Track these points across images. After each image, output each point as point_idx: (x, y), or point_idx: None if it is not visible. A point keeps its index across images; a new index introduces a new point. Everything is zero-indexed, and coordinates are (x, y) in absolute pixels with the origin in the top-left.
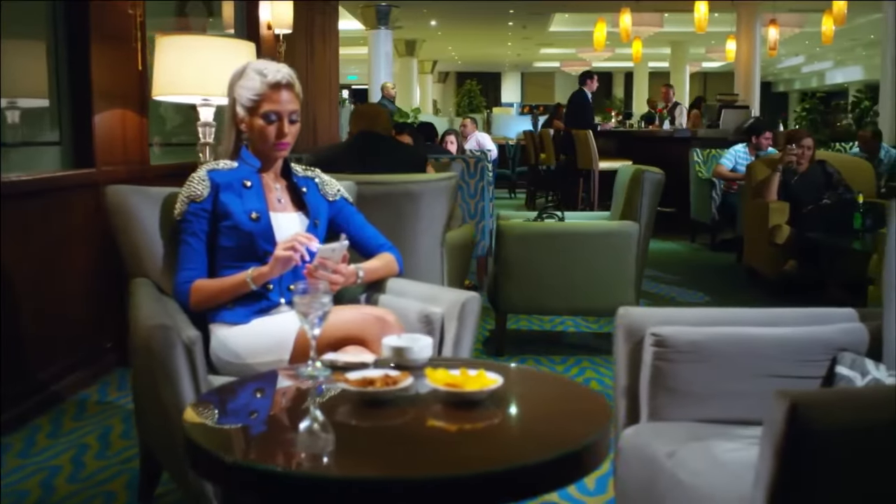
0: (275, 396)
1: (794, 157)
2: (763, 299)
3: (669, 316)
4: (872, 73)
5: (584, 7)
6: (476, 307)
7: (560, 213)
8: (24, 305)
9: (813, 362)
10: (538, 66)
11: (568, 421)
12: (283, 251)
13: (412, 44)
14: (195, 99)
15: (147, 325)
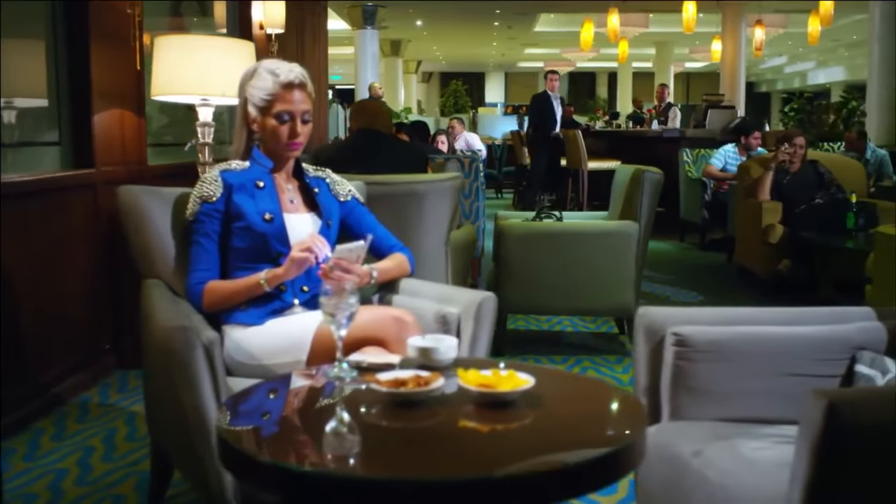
0: (305, 397)
1: (787, 157)
2: (756, 298)
3: (689, 315)
4: (855, 73)
5: (570, 7)
6: (492, 307)
7: (558, 213)
8: (23, 306)
9: (832, 361)
10: (522, 66)
11: (604, 421)
12: (300, 253)
13: (397, 44)
14: (194, 99)
15: (167, 327)
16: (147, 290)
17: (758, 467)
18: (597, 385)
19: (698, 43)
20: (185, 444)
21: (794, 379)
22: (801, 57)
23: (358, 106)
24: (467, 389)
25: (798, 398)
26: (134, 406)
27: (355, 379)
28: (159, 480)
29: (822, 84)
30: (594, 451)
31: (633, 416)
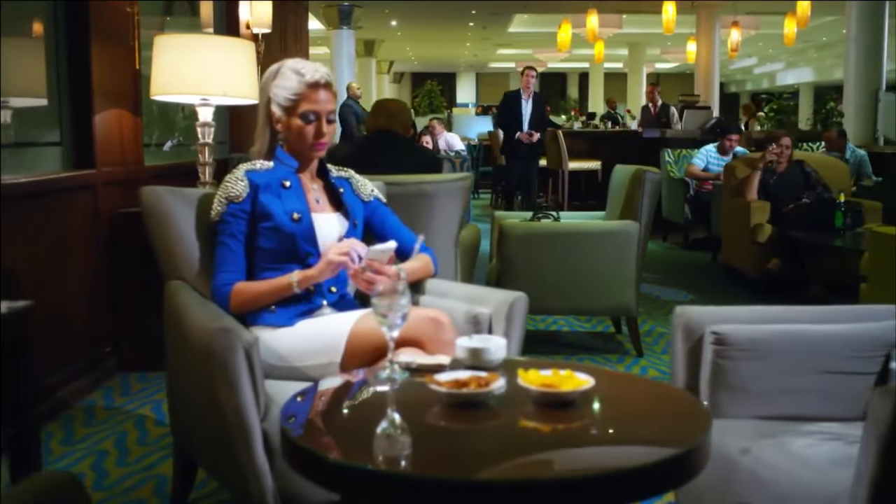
0: (365, 398)
1: (774, 157)
2: (747, 297)
3: (726, 314)
4: (823, 74)
5: (547, 8)
6: (524, 307)
7: (556, 213)
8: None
9: (867, 359)
10: (493, 66)
11: (669, 421)
12: (338, 256)
13: (371, 44)
14: (194, 99)
15: (208, 328)
16: (173, 291)
17: (811, 465)
18: (655, 385)
19: (670, 44)
20: (223, 447)
21: (829, 376)
22: (771, 58)
23: (377, 106)
24: (528, 389)
25: (835, 396)
26: (140, 409)
27: (408, 379)
28: (182, 484)
29: (791, 85)
30: (667, 450)
31: (697, 416)
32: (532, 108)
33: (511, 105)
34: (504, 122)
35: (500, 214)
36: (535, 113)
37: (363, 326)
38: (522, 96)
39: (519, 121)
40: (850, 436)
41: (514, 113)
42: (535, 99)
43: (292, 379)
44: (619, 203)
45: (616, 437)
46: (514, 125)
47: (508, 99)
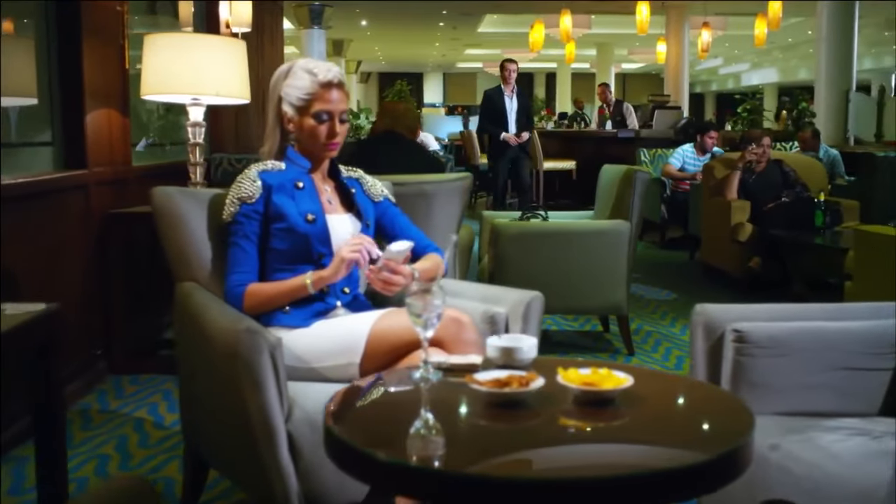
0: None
1: (754, 157)
2: (729, 295)
3: (744, 312)
4: (788, 75)
5: (520, 8)
6: (540, 306)
7: (544, 213)
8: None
9: (882, 355)
10: (461, 66)
11: (712, 420)
12: (350, 253)
13: (340, 44)
14: (184, 98)
15: (234, 330)
16: (186, 292)
17: (842, 460)
18: (693, 383)
19: (638, 44)
20: (245, 449)
21: (845, 372)
22: (737, 59)
23: (383, 108)
24: (568, 387)
25: (851, 391)
26: (137, 412)
27: (441, 379)
28: (193, 486)
29: (756, 85)
30: (714, 449)
31: (739, 414)
32: (517, 105)
33: (494, 103)
34: (488, 122)
35: (490, 214)
36: (521, 110)
37: (382, 327)
38: (504, 92)
39: (504, 119)
40: (875, 431)
41: (497, 111)
42: (519, 94)
43: (310, 380)
44: (609, 202)
45: (660, 435)
46: (498, 125)
47: (490, 97)
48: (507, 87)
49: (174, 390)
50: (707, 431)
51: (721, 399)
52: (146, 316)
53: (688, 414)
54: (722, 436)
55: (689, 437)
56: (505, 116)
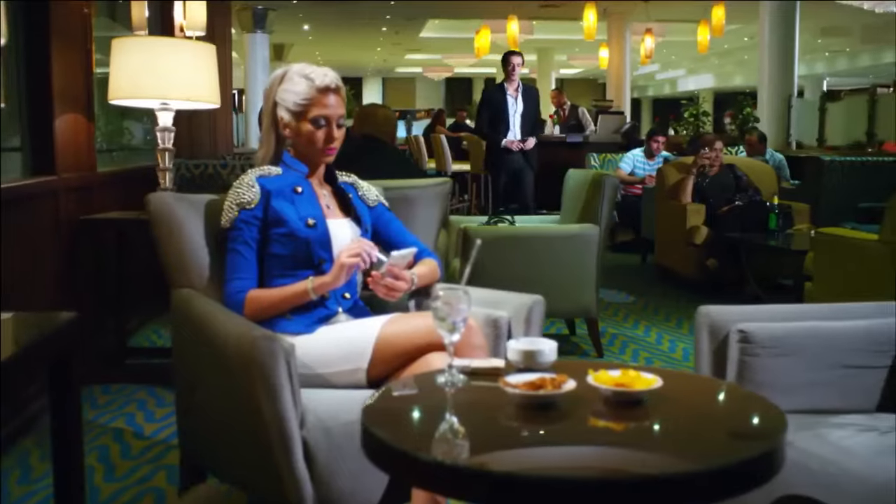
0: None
1: (707, 161)
2: (685, 297)
3: (747, 313)
4: (723, 80)
5: (466, 13)
6: (542, 310)
7: (511, 218)
8: None
9: (880, 353)
10: (400, 71)
11: (745, 421)
12: (350, 258)
13: (281, 48)
14: (153, 103)
15: (250, 336)
16: (186, 299)
17: (856, 455)
18: (720, 384)
19: (578, 50)
20: (259, 456)
21: (847, 370)
22: (673, 65)
23: (363, 112)
24: (599, 389)
25: (851, 389)
26: (114, 423)
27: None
28: None
29: (692, 91)
30: (751, 449)
31: (771, 415)
32: (523, 107)
33: (493, 104)
34: (486, 126)
35: (457, 219)
36: (527, 112)
37: (390, 332)
38: (508, 91)
39: (505, 123)
40: (880, 427)
41: (497, 113)
42: (526, 94)
43: (316, 386)
44: (576, 207)
45: (695, 435)
46: (498, 129)
47: (490, 96)
48: (511, 84)
49: (148, 399)
50: (741, 431)
51: (749, 399)
52: (115, 324)
53: (720, 414)
54: (756, 435)
55: (724, 436)
56: (507, 120)
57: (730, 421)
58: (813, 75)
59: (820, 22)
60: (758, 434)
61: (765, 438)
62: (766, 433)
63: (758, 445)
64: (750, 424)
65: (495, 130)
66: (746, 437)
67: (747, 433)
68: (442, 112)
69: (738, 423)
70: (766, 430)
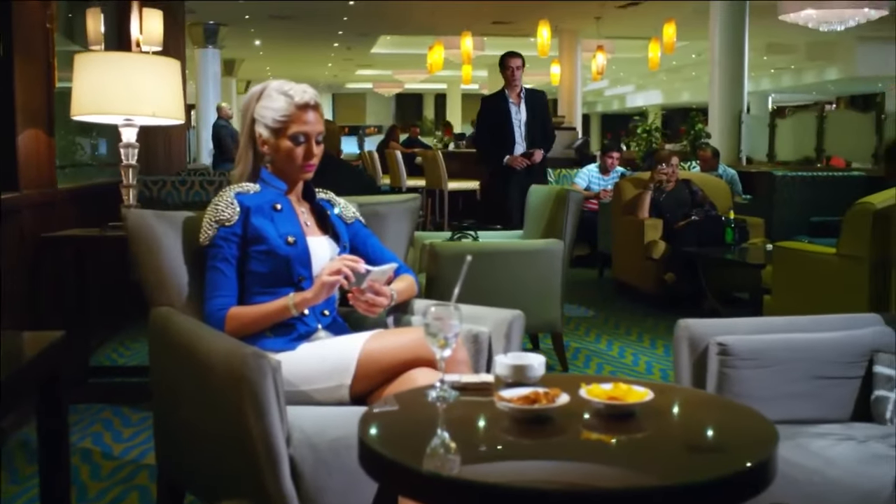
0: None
1: (664, 177)
2: (643, 311)
3: (726, 325)
4: (671, 97)
5: (418, 29)
6: (522, 325)
7: (474, 233)
8: None
9: (853, 364)
10: (350, 87)
11: (737, 433)
12: (330, 277)
13: (231, 63)
14: (117, 119)
15: (240, 353)
16: (166, 317)
17: (838, 464)
18: (711, 398)
19: (528, 66)
20: (246, 475)
21: (822, 381)
22: (622, 81)
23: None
24: (592, 402)
25: (827, 399)
26: (81, 443)
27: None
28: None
29: (640, 107)
30: (744, 461)
31: (763, 427)
32: (527, 114)
33: (493, 113)
34: (485, 139)
35: (420, 234)
36: (534, 120)
37: (373, 348)
38: (509, 98)
39: (509, 135)
40: (857, 436)
41: (499, 125)
42: (531, 100)
43: (299, 403)
44: (540, 222)
45: (688, 447)
46: (500, 142)
47: (488, 105)
48: (513, 90)
49: (114, 419)
50: (734, 443)
51: (739, 411)
52: (76, 343)
53: (711, 426)
54: (749, 447)
55: (717, 449)
56: (510, 130)
57: (722, 433)
58: (759, 92)
59: (766, 39)
60: (750, 446)
61: (757, 450)
62: (758, 445)
63: (751, 457)
64: (742, 436)
65: (498, 145)
66: (739, 449)
67: (740, 445)
68: (395, 128)
69: (731, 436)
70: (758, 441)
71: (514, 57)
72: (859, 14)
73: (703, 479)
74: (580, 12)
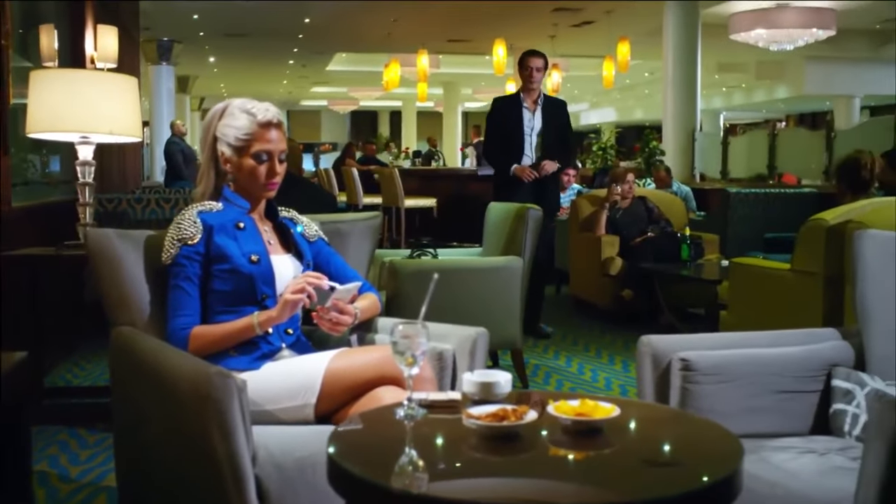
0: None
1: (618, 196)
2: (600, 327)
3: (688, 342)
4: (624, 115)
5: (373, 47)
6: (486, 342)
7: (433, 251)
8: None
9: (812, 378)
10: (305, 104)
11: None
12: (293, 295)
13: (185, 80)
14: (73, 137)
15: (205, 373)
16: (128, 337)
17: (800, 477)
18: (676, 413)
19: (484, 84)
20: (211, 496)
21: (783, 395)
22: (576, 99)
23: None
24: (560, 419)
25: (787, 412)
26: (37, 465)
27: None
28: None
29: (595, 124)
30: (710, 476)
31: (728, 442)
32: (541, 124)
33: (504, 118)
34: (490, 144)
35: (379, 252)
36: (551, 128)
37: (337, 366)
38: (524, 103)
39: (519, 144)
40: (818, 449)
41: (508, 131)
42: (549, 109)
43: (263, 423)
44: (499, 239)
45: (653, 463)
46: (510, 151)
47: (500, 107)
48: (529, 95)
49: (70, 441)
50: (700, 458)
51: (705, 426)
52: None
53: (678, 441)
54: (715, 462)
55: (684, 463)
56: (519, 139)
57: (688, 448)
58: (711, 110)
59: (718, 58)
60: (717, 460)
61: (724, 464)
62: (724, 459)
63: (718, 471)
64: (709, 451)
65: (506, 153)
66: (706, 464)
67: (707, 460)
68: (352, 145)
69: (697, 450)
70: (724, 456)
71: (535, 56)
72: (808, 34)
73: (671, 494)
74: (535, 31)
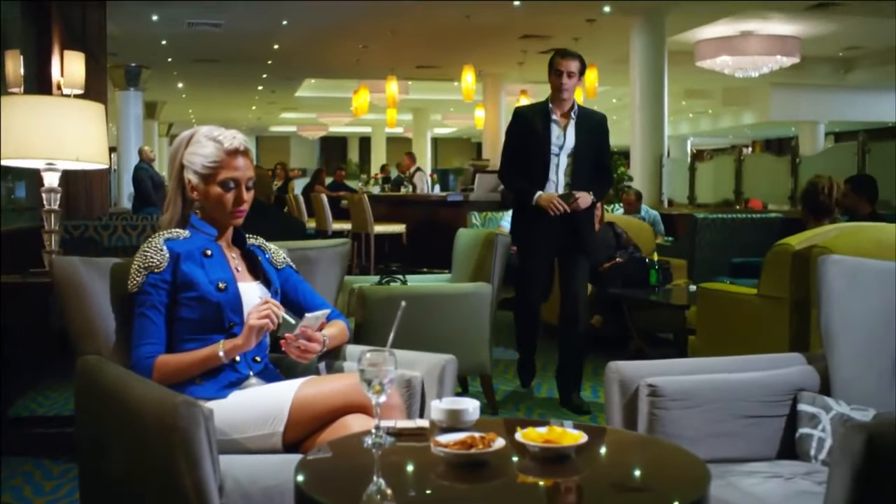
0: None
1: None
2: None
3: (655, 367)
4: None
5: (342, 73)
6: (454, 369)
7: (403, 277)
8: None
9: (778, 402)
10: (275, 129)
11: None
12: (258, 320)
13: (153, 106)
14: (39, 163)
15: (172, 402)
16: (94, 366)
17: (768, 502)
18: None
19: (453, 110)
20: None
21: (749, 420)
22: None
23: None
24: (528, 446)
25: (753, 437)
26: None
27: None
28: None
29: None
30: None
31: (695, 467)
32: (576, 139)
33: (527, 131)
34: (508, 164)
35: (349, 279)
36: (586, 148)
37: (305, 394)
38: (553, 114)
39: (539, 165)
40: (784, 473)
41: (527, 147)
42: (585, 123)
43: (230, 452)
44: (469, 266)
45: (623, 489)
46: (531, 175)
47: (521, 119)
48: (560, 105)
49: (35, 472)
50: (667, 483)
51: (671, 451)
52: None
53: (645, 467)
54: (681, 487)
55: (651, 489)
56: (543, 159)
57: (656, 474)
58: (678, 135)
59: (684, 84)
60: (684, 485)
61: (691, 489)
62: (691, 484)
63: (685, 496)
64: (675, 476)
65: (522, 175)
66: (674, 489)
67: (674, 485)
68: (321, 171)
69: (664, 476)
70: (691, 481)
71: (567, 58)
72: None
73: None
74: (503, 57)
